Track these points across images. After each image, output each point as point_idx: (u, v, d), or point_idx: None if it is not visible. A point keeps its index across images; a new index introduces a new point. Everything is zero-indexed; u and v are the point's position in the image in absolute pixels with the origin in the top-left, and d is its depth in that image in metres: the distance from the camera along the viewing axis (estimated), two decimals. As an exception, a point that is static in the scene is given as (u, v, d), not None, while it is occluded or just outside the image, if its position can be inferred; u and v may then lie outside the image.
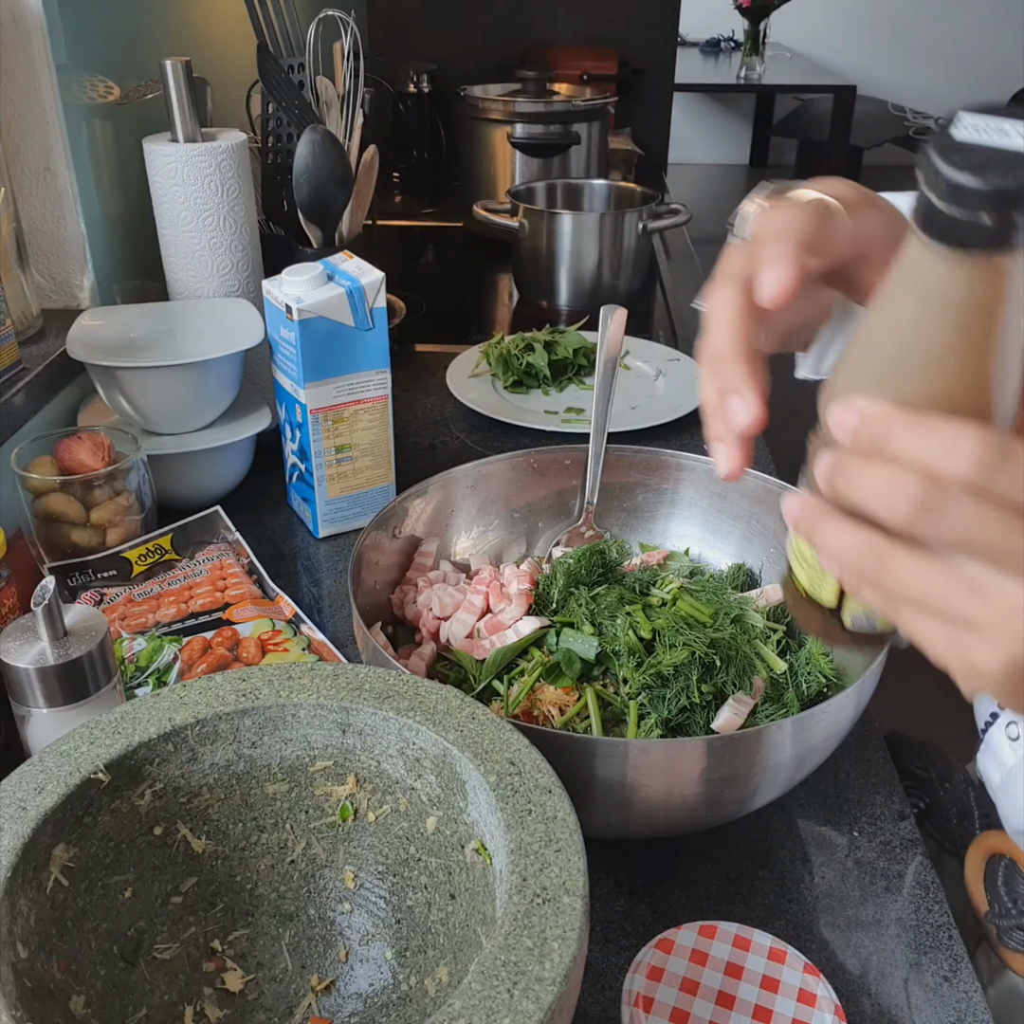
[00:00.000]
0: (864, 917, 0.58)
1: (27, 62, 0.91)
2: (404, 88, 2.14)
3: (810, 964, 0.47)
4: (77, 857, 0.45)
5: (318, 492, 0.90)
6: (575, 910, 0.39)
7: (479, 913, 0.45)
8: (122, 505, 0.81)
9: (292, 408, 0.88)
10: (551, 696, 0.62)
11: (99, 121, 1.04)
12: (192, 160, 0.94)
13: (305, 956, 0.51)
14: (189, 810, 0.49)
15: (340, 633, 0.80)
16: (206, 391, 0.90)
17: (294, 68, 1.09)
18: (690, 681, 0.60)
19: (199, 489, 0.94)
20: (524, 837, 0.42)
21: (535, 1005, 0.36)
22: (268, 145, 1.13)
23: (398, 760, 0.49)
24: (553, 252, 1.46)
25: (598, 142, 1.82)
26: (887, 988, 0.54)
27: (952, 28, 5.46)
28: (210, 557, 0.82)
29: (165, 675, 0.70)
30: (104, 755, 0.46)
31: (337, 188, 1.06)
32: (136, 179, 1.01)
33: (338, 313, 0.83)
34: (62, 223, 0.99)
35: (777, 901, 0.59)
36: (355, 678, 0.50)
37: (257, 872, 0.51)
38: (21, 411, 0.87)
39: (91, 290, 1.02)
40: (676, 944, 0.48)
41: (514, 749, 0.46)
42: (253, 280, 1.02)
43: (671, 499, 0.80)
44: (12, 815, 0.43)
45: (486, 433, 1.13)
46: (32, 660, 0.54)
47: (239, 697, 0.49)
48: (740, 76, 4.78)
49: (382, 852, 0.51)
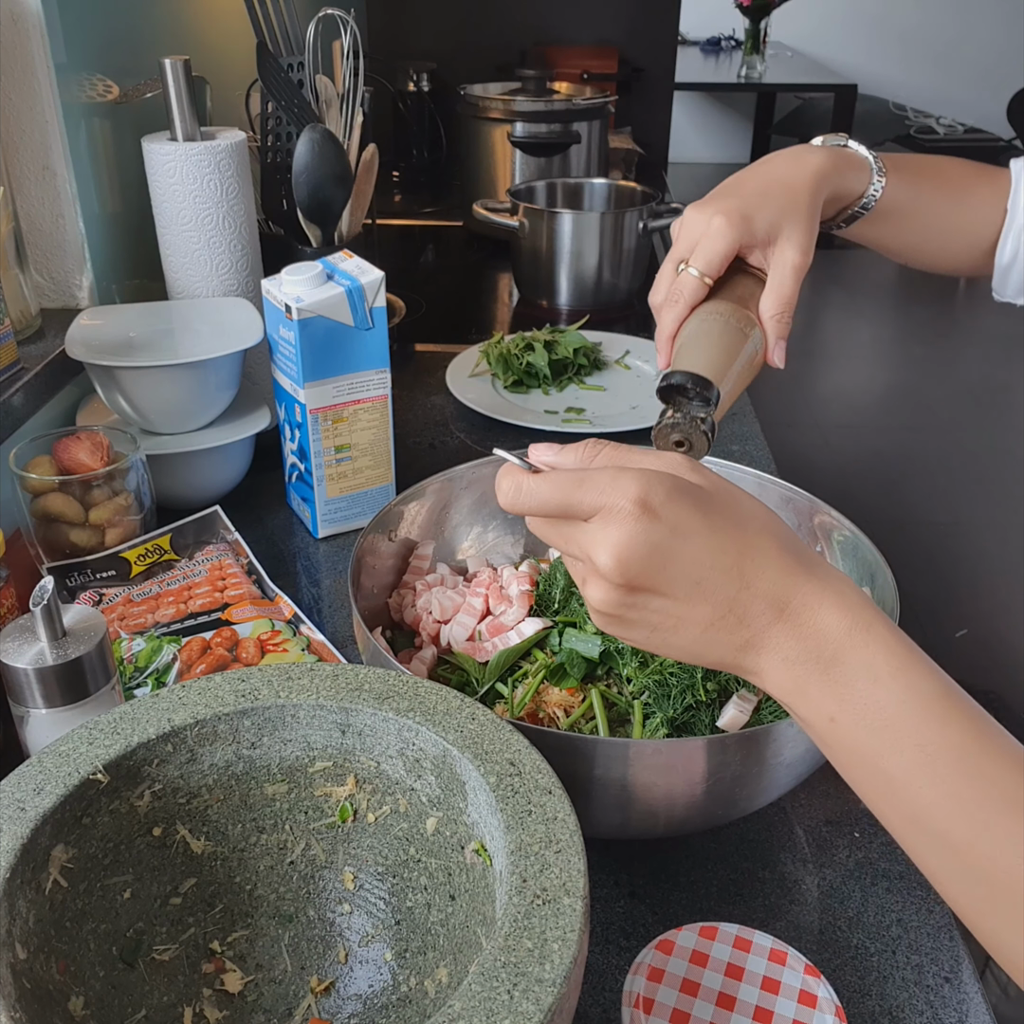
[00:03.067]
0: (865, 918, 0.58)
1: (26, 61, 0.91)
2: (404, 87, 2.14)
3: (811, 965, 0.47)
4: (76, 858, 0.45)
5: (317, 492, 0.90)
6: (575, 911, 0.39)
7: (479, 914, 0.45)
8: (121, 505, 0.81)
9: (291, 408, 0.88)
10: (556, 698, 0.62)
11: (98, 120, 1.04)
12: (191, 159, 0.94)
13: (304, 957, 0.51)
14: (188, 811, 0.49)
15: (339, 633, 0.80)
16: (205, 391, 0.90)
17: (293, 67, 1.08)
18: (695, 679, 0.60)
19: (198, 489, 0.93)
20: (524, 838, 0.42)
21: (535, 1006, 0.36)
22: (267, 144, 1.12)
23: (398, 761, 0.49)
24: (553, 251, 1.45)
25: (598, 141, 1.82)
26: (888, 989, 0.54)
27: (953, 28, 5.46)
28: (209, 557, 0.82)
29: (164, 675, 0.70)
30: (103, 756, 0.46)
31: (337, 187, 1.06)
32: (135, 178, 1.01)
33: (338, 312, 0.83)
34: (61, 222, 0.99)
35: (778, 902, 0.59)
36: (355, 679, 0.50)
37: (256, 873, 0.51)
38: (20, 411, 0.87)
39: (90, 289, 1.02)
40: (676, 945, 0.48)
41: (514, 750, 0.46)
42: (252, 279, 1.02)
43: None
44: (11, 816, 0.43)
45: (486, 433, 1.12)
46: (31, 660, 0.54)
47: (238, 698, 0.49)
48: (741, 75, 4.77)
49: (382, 853, 0.51)
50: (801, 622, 0.43)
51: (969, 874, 0.40)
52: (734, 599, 0.43)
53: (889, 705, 0.41)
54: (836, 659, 0.42)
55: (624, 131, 2.30)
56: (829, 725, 0.43)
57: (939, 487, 2.91)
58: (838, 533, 0.70)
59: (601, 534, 0.43)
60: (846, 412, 3.38)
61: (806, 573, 0.43)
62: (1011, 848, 0.38)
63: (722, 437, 1.11)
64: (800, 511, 0.73)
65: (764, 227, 0.61)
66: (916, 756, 0.40)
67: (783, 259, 0.61)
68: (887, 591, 0.63)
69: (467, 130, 1.82)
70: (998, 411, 3.41)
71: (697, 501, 0.43)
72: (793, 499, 0.73)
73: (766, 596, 0.43)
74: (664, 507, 0.42)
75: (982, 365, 3.74)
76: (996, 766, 0.40)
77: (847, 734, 0.42)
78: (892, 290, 4.52)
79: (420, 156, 2.19)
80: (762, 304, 0.62)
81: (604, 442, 0.47)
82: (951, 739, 0.40)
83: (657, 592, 0.43)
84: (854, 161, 0.68)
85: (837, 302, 4.40)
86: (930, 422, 3.31)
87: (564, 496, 0.44)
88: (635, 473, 0.43)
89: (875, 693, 0.41)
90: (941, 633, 2.27)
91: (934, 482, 2.94)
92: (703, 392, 0.57)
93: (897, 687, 0.41)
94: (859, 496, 2.81)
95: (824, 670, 0.42)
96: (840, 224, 0.71)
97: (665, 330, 0.62)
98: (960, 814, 0.40)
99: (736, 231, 0.61)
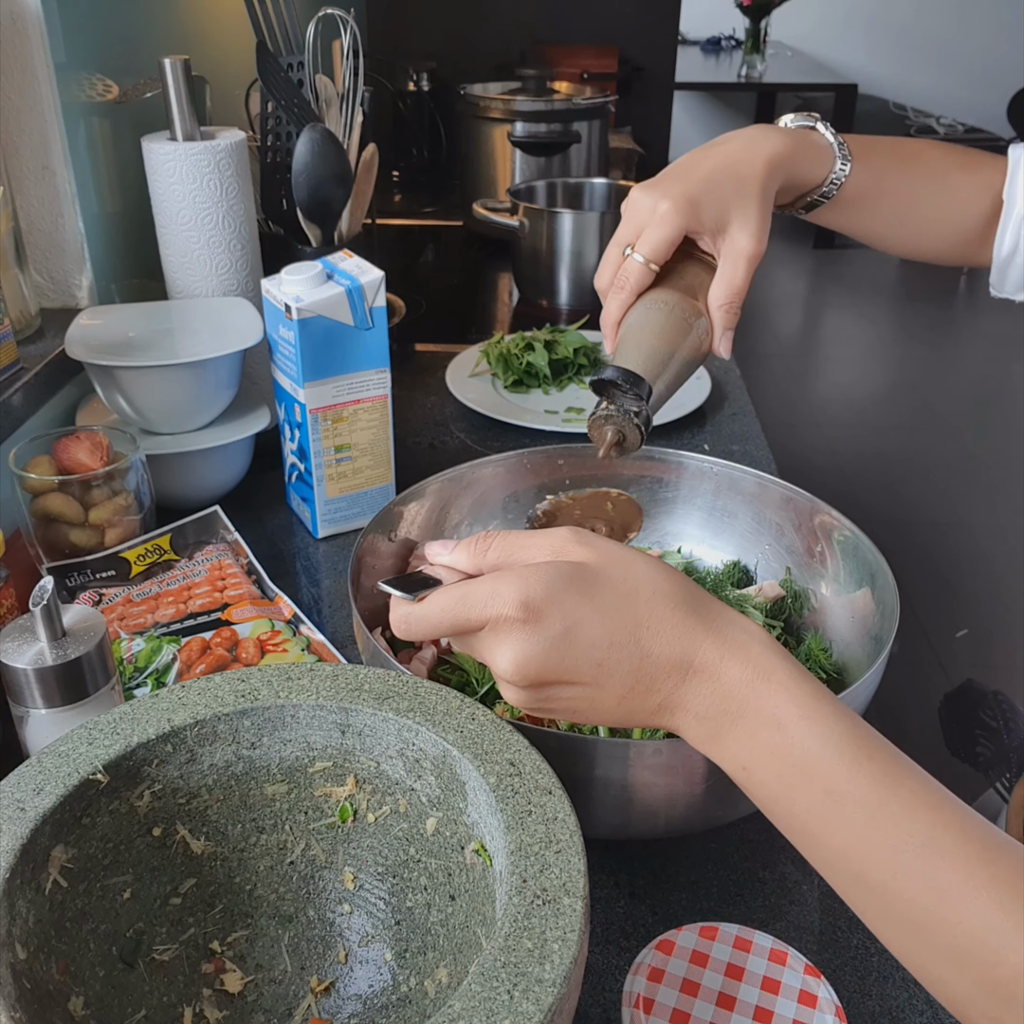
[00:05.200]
0: (865, 918, 0.58)
1: (25, 60, 0.91)
2: (404, 87, 2.14)
3: (811, 965, 0.47)
4: (76, 858, 0.45)
5: (317, 492, 0.90)
6: (575, 911, 0.39)
7: (479, 914, 0.45)
8: (120, 505, 0.81)
9: (291, 408, 0.88)
10: (555, 697, 0.62)
11: (97, 120, 1.03)
12: (191, 159, 0.94)
13: (304, 957, 0.51)
14: (188, 811, 0.49)
15: (339, 634, 0.80)
16: (205, 391, 0.90)
17: (293, 66, 1.08)
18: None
19: (198, 489, 0.93)
20: (524, 838, 0.42)
21: (535, 1007, 0.36)
22: (267, 144, 1.12)
23: (398, 761, 0.49)
24: (553, 251, 1.45)
25: (598, 141, 1.82)
26: (888, 989, 0.54)
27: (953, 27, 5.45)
28: (209, 557, 0.82)
29: (164, 676, 0.70)
30: (103, 756, 0.46)
31: (336, 187, 1.06)
32: (135, 178, 1.01)
33: (337, 312, 0.83)
34: (60, 222, 0.99)
35: (778, 902, 0.59)
36: (354, 679, 0.50)
37: (256, 873, 0.51)
38: (19, 411, 0.87)
39: (89, 289, 1.02)
40: (677, 945, 0.48)
41: (514, 750, 0.46)
42: (252, 279, 1.01)
43: (667, 497, 0.80)
44: (11, 816, 0.43)
45: (486, 433, 1.12)
46: (30, 660, 0.54)
47: (238, 698, 0.49)
48: (741, 75, 4.77)
49: (382, 853, 0.50)
50: (705, 679, 0.44)
51: (889, 913, 0.41)
52: (638, 669, 0.44)
53: (794, 752, 0.42)
54: (742, 711, 0.43)
55: (624, 131, 2.30)
56: (743, 773, 0.44)
57: (939, 487, 2.91)
58: (838, 533, 0.70)
59: (495, 644, 0.44)
60: (847, 412, 3.38)
61: (704, 630, 0.44)
62: (926, 888, 0.39)
63: (723, 437, 1.11)
64: (800, 511, 0.73)
65: (712, 214, 0.60)
66: (824, 801, 0.41)
67: (734, 248, 0.61)
68: (887, 591, 0.63)
69: (467, 130, 1.82)
70: (999, 411, 3.41)
71: (581, 586, 0.44)
72: (793, 499, 0.73)
73: (668, 661, 0.44)
74: (547, 605, 0.43)
75: (983, 365, 3.75)
76: (907, 809, 0.40)
77: (760, 782, 0.43)
78: (892, 290, 4.52)
79: (420, 156, 2.19)
80: (711, 293, 0.61)
81: (494, 534, 0.48)
82: (859, 783, 0.41)
83: (563, 682, 0.45)
84: (815, 146, 0.66)
85: (837, 302, 4.40)
86: (931, 422, 3.31)
87: (452, 617, 0.45)
88: (512, 577, 0.44)
89: (779, 741, 0.42)
90: (941, 633, 2.27)
91: (934, 482, 2.94)
92: (634, 388, 0.57)
93: (800, 735, 0.42)
94: (859, 496, 2.81)
95: (732, 722, 0.43)
96: (800, 211, 0.69)
97: (610, 316, 0.62)
98: (873, 857, 0.40)
99: (682, 218, 0.60)
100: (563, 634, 0.43)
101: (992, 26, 5.40)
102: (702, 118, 5.93)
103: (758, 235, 0.61)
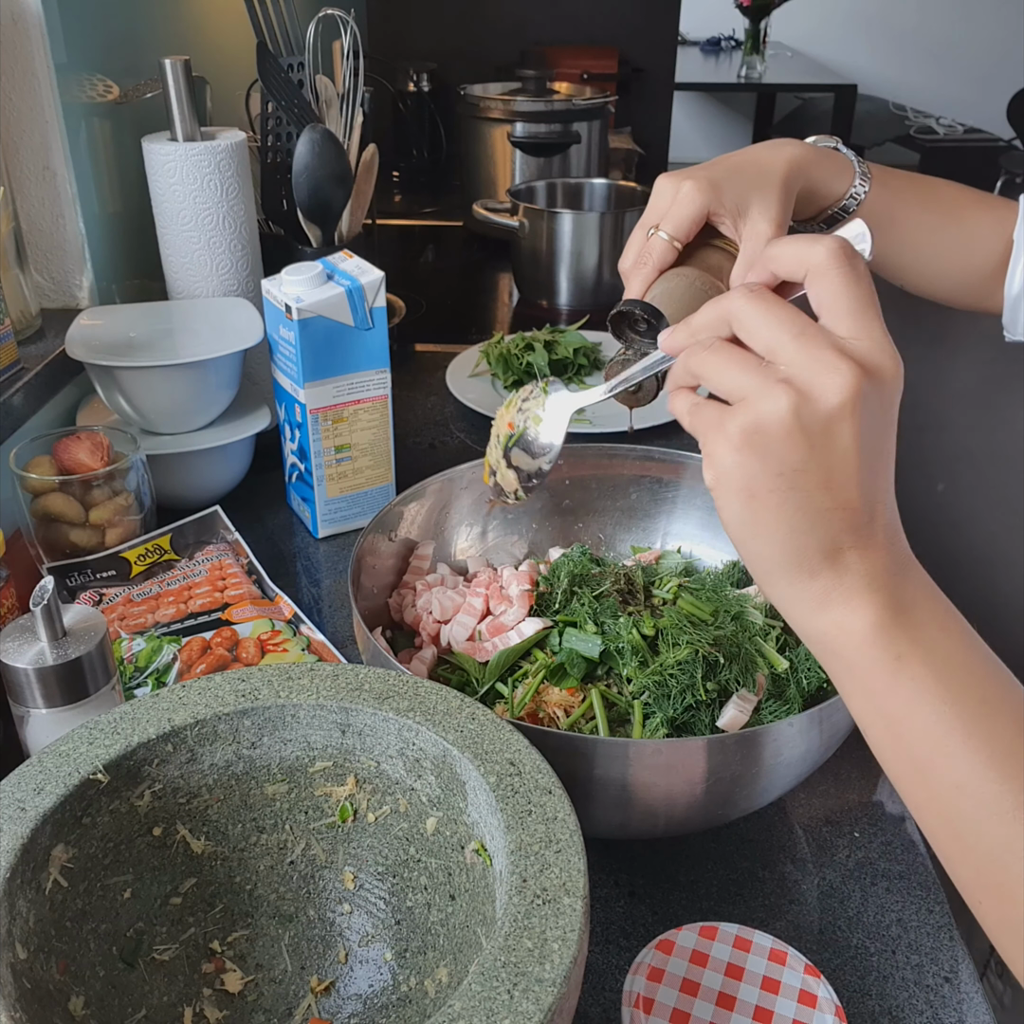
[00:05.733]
0: (865, 918, 0.58)
1: (26, 61, 0.91)
2: (404, 87, 2.14)
3: (811, 965, 0.47)
4: (76, 858, 0.45)
5: (318, 492, 0.90)
6: (575, 911, 0.39)
7: (479, 914, 0.45)
8: (121, 505, 0.81)
9: (292, 408, 0.88)
10: (556, 698, 0.62)
11: (98, 120, 1.04)
12: (191, 159, 0.94)
13: (305, 957, 0.51)
14: (188, 811, 0.49)
15: (340, 633, 0.80)
16: (205, 391, 0.90)
17: (293, 67, 1.08)
18: (695, 679, 0.60)
19: (198, 489, 0.93)
20: (524, 838, 0.42)
21: (535, 1006, 0.36)
22: (267, 144, 1.12)
23: (398, 761, 0.49)
24: (553, 251, 1.45)
25: (598, 141, 1.82)
26: (888, 989, 0.54)
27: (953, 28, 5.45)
28: (209, 557, 0.82)
29: (164, 675, 0.70)
30: (103, 756, 0.46)
31: (336, 187, 1.06)
32: (135, 178, 1.01)
33: (338, 312, 0.83)
34: (61, 222, 0.99)
35: (778, 902, 0.59)
36: (355, 678, 0.50)
37: (256, 873, 0.51)
38: (20, 411, 0.87)
39: (90, 289, 1.02)
40: (676, 945, 0.48)
41: (514, 750, 0.46)
42: (252, 279, 1.02)
43: (667, 497, 0.80)
44: (11, 816, 0.43)
45: (486, 433, 1.11)
46: (31, 660, 0.54)
47: (238, 698, 0.49)
48: (741, 75, 4.76)
49: (382, 853, 0.51)
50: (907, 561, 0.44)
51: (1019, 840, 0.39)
52: (875, 502, 0.44)
53: (957, 654, 0.42)
54: (914, 604, 0.43)
55: (624, 131, 2.30)
56: (895, 663, 0.42)
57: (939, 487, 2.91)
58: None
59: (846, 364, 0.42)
60: (846, 412, 3.37)
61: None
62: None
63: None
64: (800, 511, 0.72)
65: (733, 197, 0.61)
66: (979, 709, 0.41)
67: (755, 231, 0.61)
68: (887, 591, 0.63)
69: (467, 130, 1.82)
70: (998, 411, 3.41)
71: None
72: (793, 499, 0.73)
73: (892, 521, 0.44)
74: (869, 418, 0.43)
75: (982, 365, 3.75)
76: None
77: (914, 675, 0.42)
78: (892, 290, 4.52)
79: (420, 156, 2.19)
80: (733, 273, 0.62)
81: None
82: (1013, 700, 0.41)
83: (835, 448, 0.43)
84: (837, 159, 0.68)
85: (837, 302, 4.39)
86: (930, 422, 3.31)
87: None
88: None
89: (945, 642, 0.42)
90: (941, 633, 2.27)
91: (934, 482, 2.94)
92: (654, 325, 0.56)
93: (964, 645, 0.43)
94: (859, 496, 2.80)
95: (901, 609, 0.43)
96: (821, 225, 0.71)
97: (632, 293, 0.62)
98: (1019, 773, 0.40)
99: (705, 196, 0.60)
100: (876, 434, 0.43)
101: (992, 26, 5.41)
102: (702, 119, 5.93)
103: (779, 220, 0.62)
